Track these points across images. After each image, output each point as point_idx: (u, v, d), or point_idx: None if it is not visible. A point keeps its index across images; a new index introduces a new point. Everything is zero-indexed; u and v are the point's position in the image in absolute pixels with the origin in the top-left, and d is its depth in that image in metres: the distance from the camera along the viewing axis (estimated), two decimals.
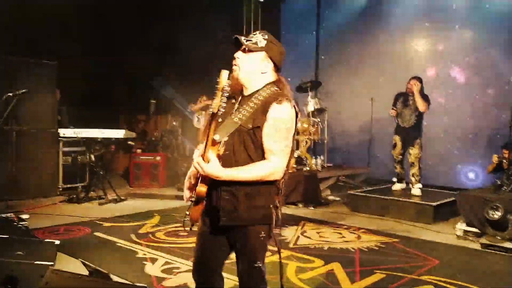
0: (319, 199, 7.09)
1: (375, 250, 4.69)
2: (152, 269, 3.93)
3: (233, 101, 2.25)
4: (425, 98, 6.53)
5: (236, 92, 2.25)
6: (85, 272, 2.59)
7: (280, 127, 2.12)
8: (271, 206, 2.18)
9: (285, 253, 4.44)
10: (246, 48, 2.18)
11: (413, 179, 6.65)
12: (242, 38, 2.19)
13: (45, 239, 4.25)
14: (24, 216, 5.27)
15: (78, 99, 8.05)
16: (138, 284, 1.93)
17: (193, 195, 2.16)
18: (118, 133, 7.00)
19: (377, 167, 8.79)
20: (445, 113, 8.12)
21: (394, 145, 6.81)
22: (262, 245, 2.22)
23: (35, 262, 2.88)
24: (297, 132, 7.71)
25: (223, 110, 2.17)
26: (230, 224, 2.16)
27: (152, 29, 8.73)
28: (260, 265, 2.21)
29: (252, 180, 2.11)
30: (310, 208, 6.79)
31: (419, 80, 6.58)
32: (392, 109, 6.78)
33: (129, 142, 7.77)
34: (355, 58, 9.33)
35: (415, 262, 4.30)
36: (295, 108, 2.19)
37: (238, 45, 2.20)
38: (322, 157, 8.08)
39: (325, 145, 8.58)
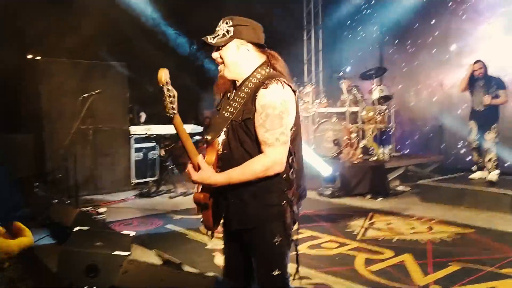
0: (388, 190, 6.88)
1: (449, 242, 4.49)
2: (221, 260, 4.02)
3: (228, 95, 2.09)
4: (499, 84, 6.10)
5: (229, 89, 2.11)
6: (159, 262, 2.70)
7: (270, 114, 1.89)
8: (283, 203, 1.98)
9: (352, 244, 4.36)
10: (217, 46, 2.00)
11: (489, 165, 6.27)
12: (208, 39, 1.99)
13: (121, 231, 4.49)
14: (101, 210, 5.60)
15: (147, 97, 8.40)
16: (209, 274, 1.99)
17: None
18: (186, 128, 7.20)
19: (450, 155, 8.38)
20: None
21: (470, 131, 6.45)
22: (278, 249, 1.98)
23: (114, 253, 3.04)
24: (362, 121, 7.62)
25: (175, 111, 1.99)
26: (241, 228, 2.01)
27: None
28: (279, 272, 1.98)
29: (250, 179, 1.91)
30: (378, 199, 6.61)
31: (482, 64, 6.20)
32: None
33: (196, 137, 7.97)
34: (421, 41, 8.91)
35: (494, 254, 4.06)
36: (290, 86, 1.98)
37: (210, 45, 2.01)
38: (389, 146, 7.84)
39: (392, 134, 8.29)
